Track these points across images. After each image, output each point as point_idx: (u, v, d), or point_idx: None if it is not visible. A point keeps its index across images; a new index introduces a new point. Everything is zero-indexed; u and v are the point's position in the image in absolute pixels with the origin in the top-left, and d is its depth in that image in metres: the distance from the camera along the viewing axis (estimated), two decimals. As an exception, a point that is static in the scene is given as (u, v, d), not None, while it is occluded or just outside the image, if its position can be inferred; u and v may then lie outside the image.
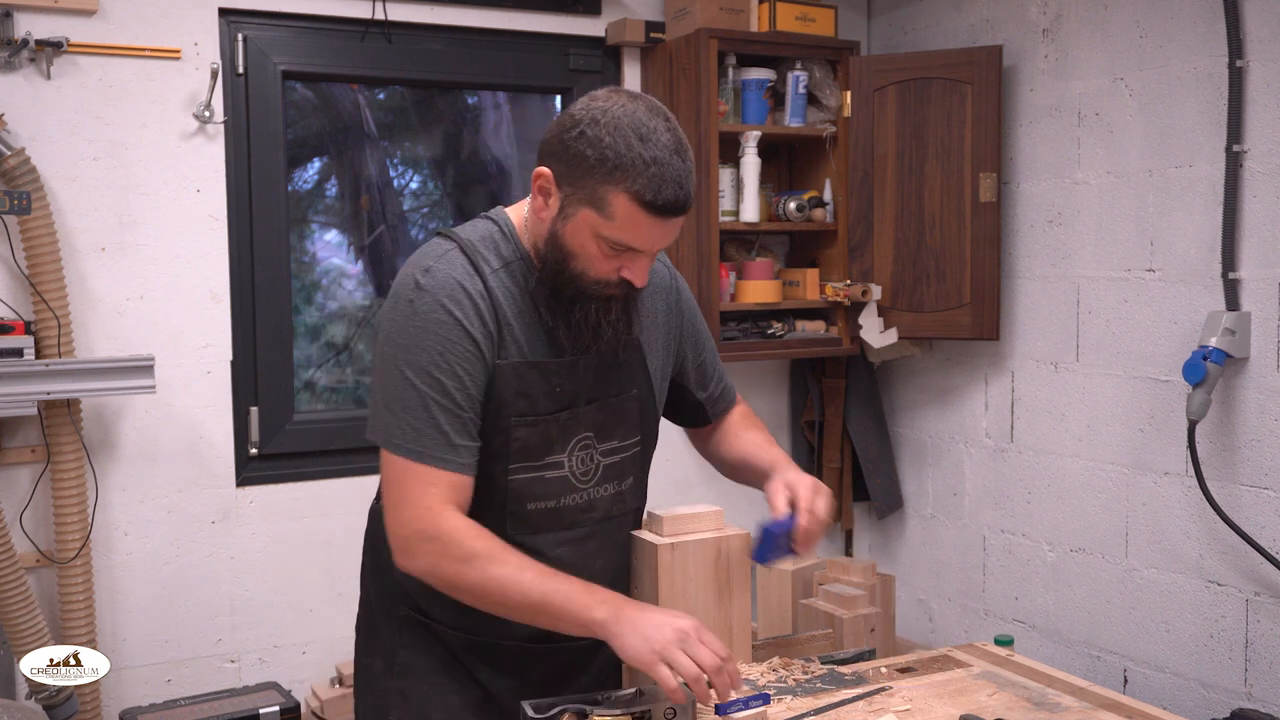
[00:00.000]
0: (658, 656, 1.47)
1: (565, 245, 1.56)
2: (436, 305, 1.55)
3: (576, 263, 1.57)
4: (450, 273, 1.57)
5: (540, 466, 1.63)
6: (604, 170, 1.49)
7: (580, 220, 1.53)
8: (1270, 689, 2.62)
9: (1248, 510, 2.64)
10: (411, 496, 1.55)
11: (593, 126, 1.50)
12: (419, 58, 3.20)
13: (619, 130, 1.49)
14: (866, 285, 3.33)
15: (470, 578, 1.54)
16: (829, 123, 3.42)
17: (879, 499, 3.64)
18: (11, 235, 2.68)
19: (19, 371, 2.56)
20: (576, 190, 1.53)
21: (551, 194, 1.56)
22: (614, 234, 1.53)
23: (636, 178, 1.48)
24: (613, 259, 1.56)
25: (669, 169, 1.49)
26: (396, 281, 1.62)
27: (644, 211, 1.50)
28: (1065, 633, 3.14)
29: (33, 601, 2.61)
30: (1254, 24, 2.60)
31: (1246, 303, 2.64)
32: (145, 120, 2.84)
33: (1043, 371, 3.18)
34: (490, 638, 1.68)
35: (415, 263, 1.60)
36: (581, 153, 1.50)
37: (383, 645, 1.74)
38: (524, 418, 1.60)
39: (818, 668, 1.83)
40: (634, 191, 1.49)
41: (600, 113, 1.51)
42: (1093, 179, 3.00)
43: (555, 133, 1.55)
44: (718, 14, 3.24)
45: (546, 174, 1.55)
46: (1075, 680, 1.81)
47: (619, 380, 1.71)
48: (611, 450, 1.71)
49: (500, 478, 1.61)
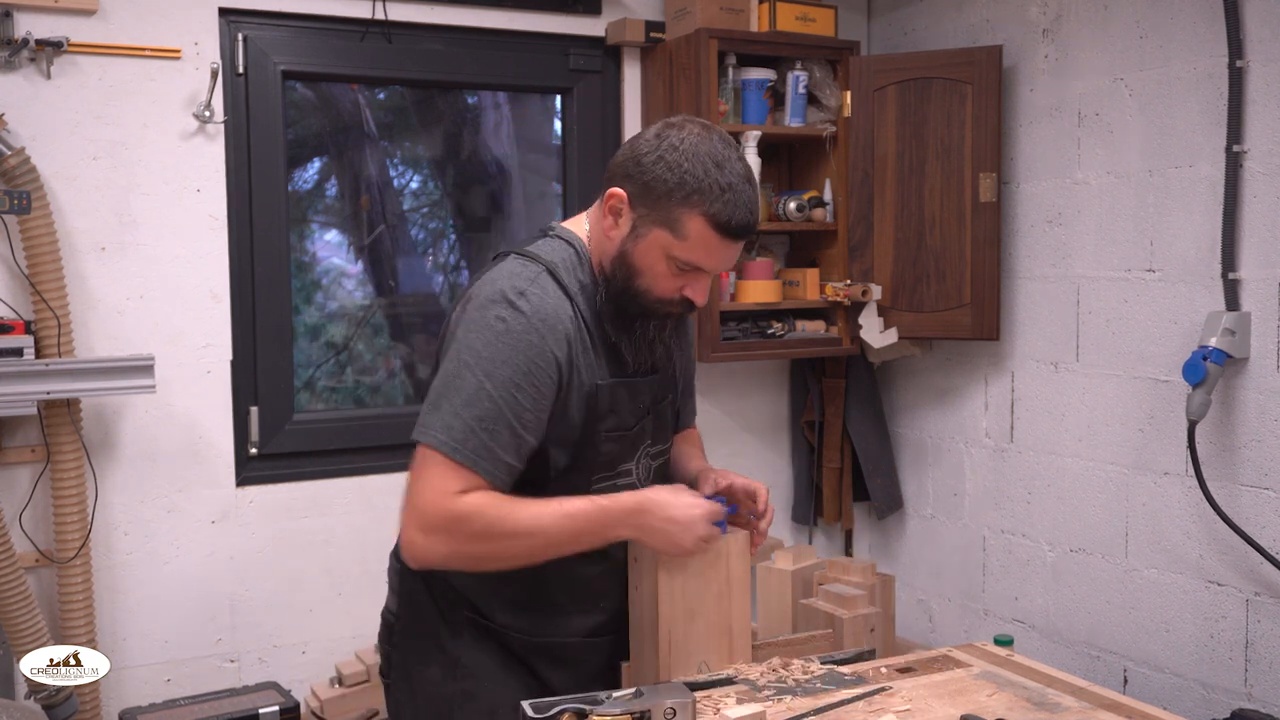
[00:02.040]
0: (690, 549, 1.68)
1: (634, 263, 1.65)
2: (531, 329, 1.59)
3: (642, 280, 1.66)
4: (544, 299, 1.62)
5: (615, 475, 1.73)
6: (682, 194, 1.60)
7: (652, 240, 1.63)
8: (1270, 689, 2.62)
9: (1248, 510, 2.64)
10: (434, 485, 1.57)
11: (671, 153, 1.61)
12: (419, 58, 3.20)
13: (697, 157, 1.60)
14: (866, 285, 3.33)
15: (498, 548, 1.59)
16: (829, 123, 3.42)
17: (879, 499, 3.64)
18: (11, 235, 2.68)
19: (19, 371, 2.56)
20: (651, 212, 1.62)
21: (623, 214, 1.65)
22: (685, 254, 1.63)
23: (713, 202, 1.60)
24: (677, 278, 1.66)
25: (741, 195, 1.62)
26: (481, 296, 1.62)
27: (717, 234, 1.62)
28: (1065, 633, 3.14)
29: (32, 601, 2.61)
30: (1254, 24, 2.60)
31: (1246, 303, 2.64)
32: (145, 120, 2.84)
33: (1043, 371, 3.18)
34: (547, 636, 1.76)
35: (504, 281, 1.62)
36: (661, 176, 1.61)
37: (442, 651, 1.76)
38: (614, 432, 1.70)
39: (818, 668, 1.83)
40: (709, 214, 1.60)
41: (679, 140, 1.62)
42: (1093, 179, 3.00)
43: (630, 156, 1.64)
44: (718, 14, 3.24)
45: (621, 195, 1.64)
46: (1075, 680, 1.81)
47: (664, 388, 1.82)
48: (659, 454, 1.83)
49: (582, 488, 1.69)
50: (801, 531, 3.78)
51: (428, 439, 1.58)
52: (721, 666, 1.83)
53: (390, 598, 1.85)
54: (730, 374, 3.64)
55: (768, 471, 3.73)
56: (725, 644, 1.84)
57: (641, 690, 1.63)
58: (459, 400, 1.57)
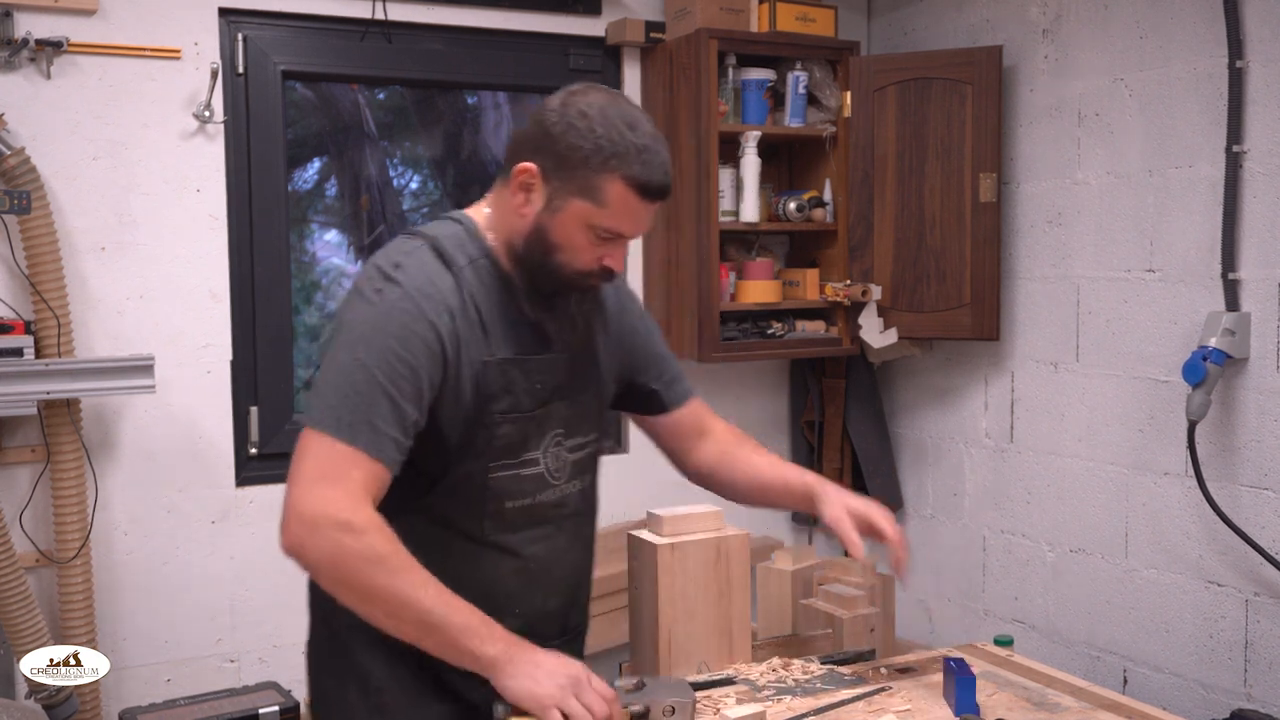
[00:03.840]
0: (552, 702, 1.45)
1: (551, 239, 1.59)
2: (406, 298, 1.53)
3: (561, 255, 1.60)
4: (421, 269, 1.56)
5: (518, 464, 1.64)
6: (599, 159, 1.54)
7: (571, 212, 1.57)
8: (1270, 689, 2.62)
9: (1247, 511, 2.64)
10: (329, 475, 1.49)
11: (581, 119, 1.55)
12: (419, 58, 3.20)
13: (609, 121, 1.55)
14: (866, 285, 3.33)
15: (372, 580, 1.46)
16: (829, 123, 3.42)
17: (879, 499, 3.63)
18: (11, 235, 2.67)
19: (19, 371, 2.56)
20: (568, 182, 1.56)
21: (535, 189, 1.58)
22: (606, 221, 1.57)
23: (631, 164, 1.55)
24: (597, 248, 1.60)
25: (656, 155, 1.56)
26: (360, 277, 1.60)
27: (637, 196, 1.57)
28: (1065, 633, 3.14)
29: (32, 601, 2.61)
30: (1254, 24, 2.60)
31: (1246, 303, 2.64)
32: (145, 120, 2.84)
33: (1043, 372, 3.18)
34: None
35: (382, 259, 1.59)
36: (575, 144, 1.55)
37: (356, 669, 1.66)
38: (508, 414, 1.61)
39: (817, 668, 1.83)
40: (629, 177, 1.55)
41: (586, 105, 1.56)
42: (1093, 179, 3.00)
43: (537, 128, 1.58)
44: (718, 14, 3.24)
45: (531, 169, 1.58)
46: (1075, 680, 1.81)
47: (583, 376, 1.73)
48: (577, 446, 1.73)
49: (480, 476, 1.61)
50: (801, 531, 3.77)
51: (309, 422, 1.52)
52: (721, 666, 1.83)
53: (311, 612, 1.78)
54: (730, 374, 3.63)
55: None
56: (725, 644, 1.84)
57: (644, 681, 1.57)
58: (334, 377, 1.52)
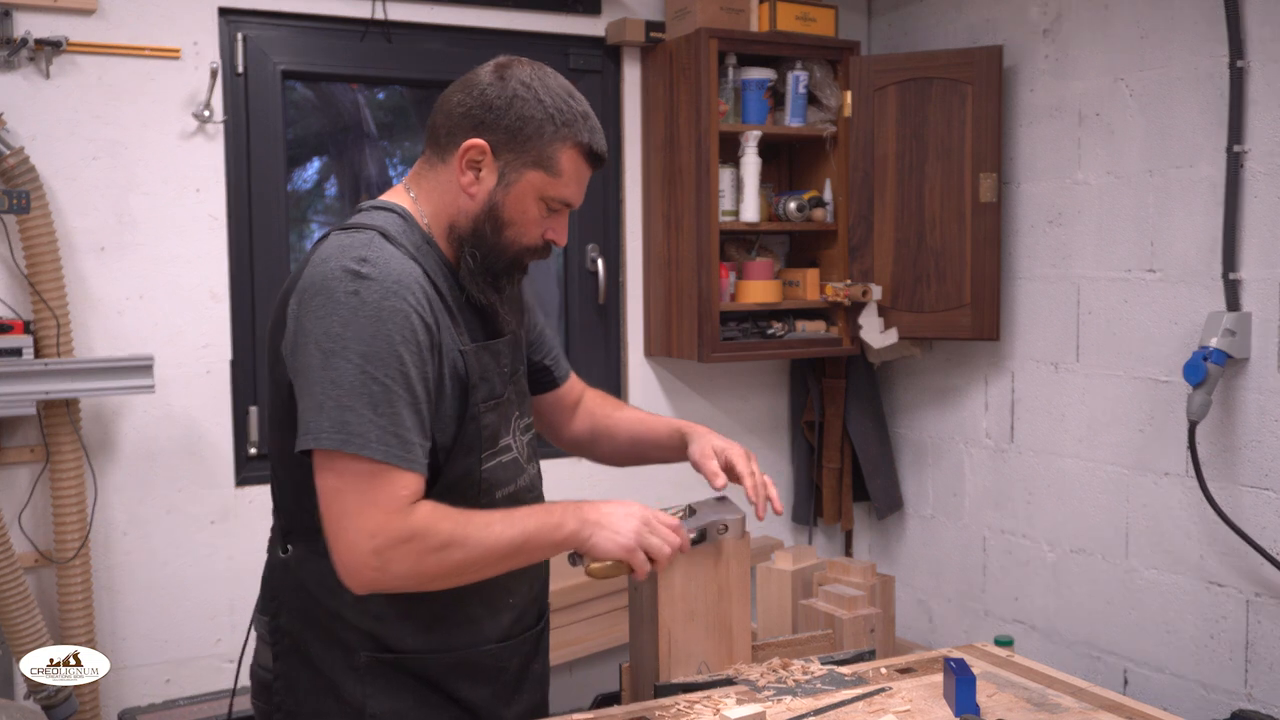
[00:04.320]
0: (635, 545, 1.58)
1: (504, 215, 1.57)
2: (388, 293, 1.44)
3: (512, 230, 1.58)
4: (390, 260, 1.47)
5: (499, 451, 1.62)
6: (553, 127, 1.55)
7: (525, 184, 1.56)
8: (1270, 690, 2.62)
9: (1248, 511, 2.64)
10: (379, 502, 1.41)
11: (526, 90, 1.55)
12: (419, 58, 3.20)
13: (551, 90, 1.57)
14: (866, 285, 3.33)
15: (455, 561, 1.47)
16: (829, 123, 3.41)
17: (879, 499, 3.64)
18: (11, 235, 2.67)
19: (18, 371, 2.56)
20: (521, 155, 1.55)
21: (484, 166, 1.56)
22: (560, 191, 1.58)
23: (581, 131, 1.57)
24: (544, 222, 1.60)
25: (596, 121, 1.60)
26: (317, 278, 1.45)
27: (587, 162, 1.59)
28: (1065, 633, 3.13)
29: (32, 601, 2.61)
30: (1254, 24, 2.59)
31: (1247, 303, 2.63)
32: (145, 120, 2.84)
33: (1043, 372, 3.18)
34: (461, 648, 1.61)
35: (337, 257, 1.46)
36: (527, 115, 1.54)
37: (344, 703, 1.57)
38: (488, 402, 1.58)
39: (817, 668, 1.83)
40: (581, 144, 1.57)
41: (527, 76, 1.56)
42: (1093, 179, 3.00)
43: (478, 103, 1.55)
44: (718, 14, 3.24)
45: (482, 145, 1.55)
46: (1075, 681, 1.81)
47: (519, 355, 1.73)
48: (527, 427, 1.73)
49: (475, 470, 1.57)
50: (801, 532, 3.77)
51: (326, 443, 1.40)
52: (721, 667, 1.83)
53: (262, 651, 1.64)
54: (730, 374, 3.64)
55: (768, 472, 3.65)
56: (725, 644, 1.84)
57: (693, 507, 1.72)
58: (342, 392, 1.40)
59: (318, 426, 1.41)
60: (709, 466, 1.80)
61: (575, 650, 3.15)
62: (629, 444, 1.95)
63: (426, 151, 1.62)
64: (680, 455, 1.89)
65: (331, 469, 1.43)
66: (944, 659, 1.75)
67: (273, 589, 1.62)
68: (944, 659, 1.75)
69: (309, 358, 1.43)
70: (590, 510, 1.58)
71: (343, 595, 1.51)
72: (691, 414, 3.58)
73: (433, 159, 1.60)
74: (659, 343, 3.44)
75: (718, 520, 1.74)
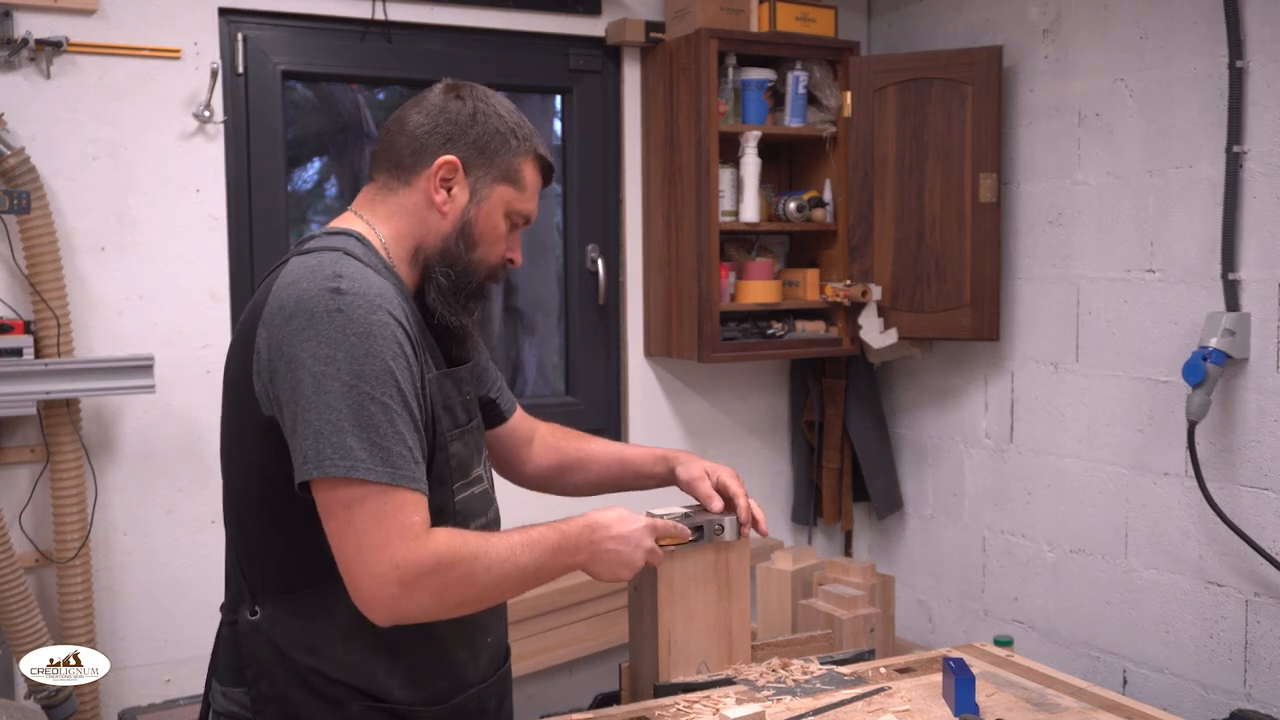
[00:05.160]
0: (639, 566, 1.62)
1: (475, 232, 1.55)
2: (371, 307, 1.37)
3: (482, 249, 1.57)
4: (364, 274, 1.41)
5: (471, 481, 1.58)
6: (515, 141, 1.56)
7: (495, 199, 1.56)
8: (1270, 690, 2.62)
9: (1247, 511, 2.64)
10: (398, 531, 1.35)
11: (485, 105, 1.56)
12: (419, 58, 3.20)
13: (505, 106, 1.59)
14: (866, 285, 3.33)
15: (477, 586, 1.43)
16: (829, 123, 3.42)
17: (879, 499, 3.64)
18: (11, 235, 2.68)
19: (18, 371, 2.56)
20: (489, 170, 1.56)
21: (456, 183, 1.54)
22: (523, 205, 1.59)
23: (538, 143, 1.59)
24: (507, 238, 1.60)
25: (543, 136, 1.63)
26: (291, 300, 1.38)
27: (541, 175, 1.61)
28: (1065, 633, 3.14)
29: (32, 601, 2.61)
30: (1254, 24, 2.60)
31: (1246, 303, 2.64)
32: (145, 120, 2.84)
33: (1042, 372, 3.18)
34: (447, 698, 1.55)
35: (311, 276, 1.39)
36: (493, 129, 1.55)
37: None
38: (453, 430, 1.54)
39: (817, 668, 1.83)
40: (539, 155, 1.60)
41: (481, 94, 1.58)
42: (1093, 179, 3.00)
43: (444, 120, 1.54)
44: (718, 14, 3.24)
45: (454, 161, 1.53)
46: (1075, 681, 1.81)
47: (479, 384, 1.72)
48: (487, 458, 1.70)
49: (449, 503, 1.52)
50: (801, 532, 3.78)
51: (331, 471, 1.33)
52: (721, 667, 1.83)
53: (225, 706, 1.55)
54: (730, 374, 3.64)
55: (768, 472, 3.73)
56: (725, 644, 1.84)
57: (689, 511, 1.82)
58: (340, 416, 1.34)
59: (319, 455, 1.34)
60: (703, 489, 1.82)
61: (575, 650, 3.15)
62: (604, 475, 1.93)
63: (380, 177, 1.57)
64: (663, 482, 1.90)
65: (339, 499, 1.35)
66: (943, 659, 1.75)
67: (243, 658, 1.51)
68: (943, 659, 1.75)
69: (298, 384, 1.36)
70: (601, 532, 1.57)
71: (323, 652, 1.46)
72: (691, 414, 3.58)
73: (390, 183, 1.56)
74: (659, 343, 3.44)
75: (714, 520, 1.78)
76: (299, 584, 1.47)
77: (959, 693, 1.66)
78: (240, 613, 1.52)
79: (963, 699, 1.66)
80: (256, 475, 1.46)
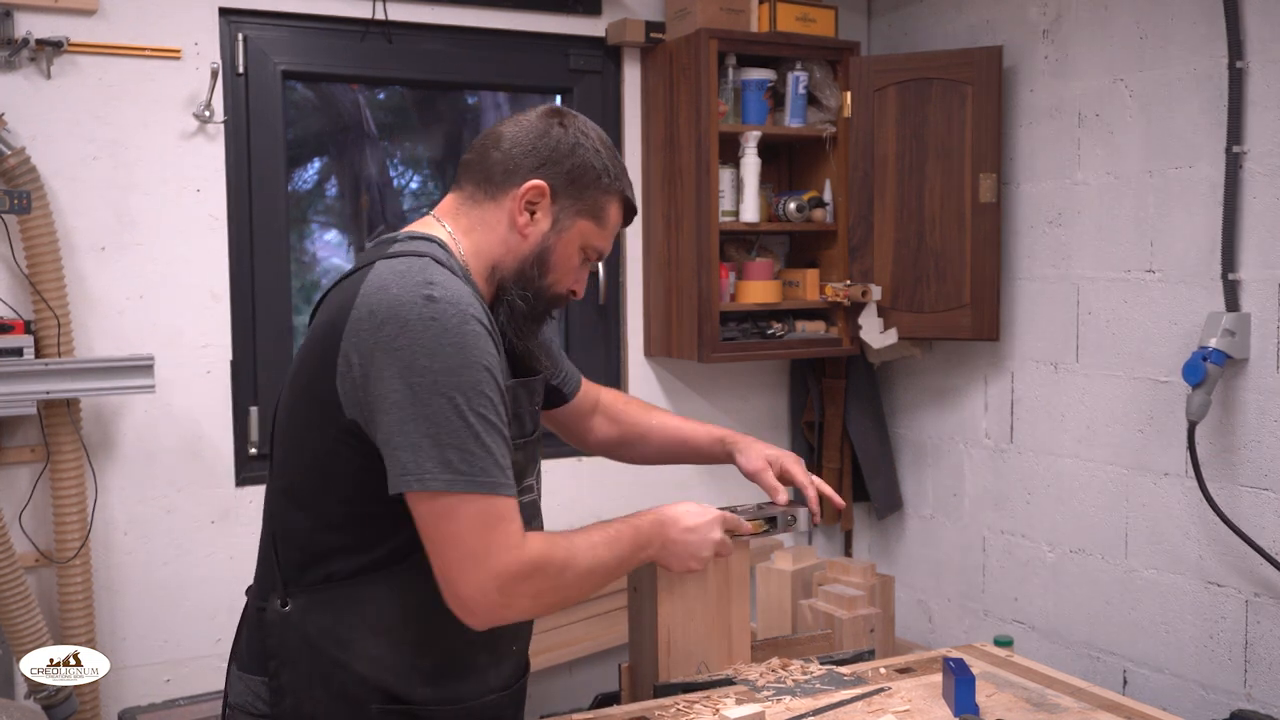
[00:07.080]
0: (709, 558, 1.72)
1: (551, 260, 1.56)
2: (465, 317, 1.39)
3: (553, 277, 1.58)
4: (452, 282, 1.42)
5: (524, 490, 1.57)
6: (607, 180, 1.57)
7: (575, 232, 1.57)
8: (1270, 690, 2.62)
9: (1247, 511, 2.64)
10: (501, 541, 1.39)
11: (584, 138, 1.57)
12: (419, 58, 3.20)
13: (604, 142, 1.60)
14: (866, 285, 3.33)
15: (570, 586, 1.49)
16: (829, 123, 3.42)
17: (879, 499, 3.64)
18: (11, 235, 2.68)
19: (18, 371, 2.56)
20: (576, 202, 1.56)
21: (540, 208, 1.55)
22: (601, 241, 1.61)
23: (626, 185, 1.61)
24: (580, 270, 1.62)
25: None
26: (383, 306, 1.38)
27: (624, 215, 1.63)
28: (1065, 633, 3.14)
29: (32, 601, 2.61)
30: (1254, 24, 2.60)
31: (1246, 304, 2.64)
32: (145, 120, 2.84)
33: (1042, 372, 3.18)
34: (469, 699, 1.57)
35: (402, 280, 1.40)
36: (587, 163, 1.56)
37: None
38: (519, 439, 1.55)
39: (817, 668, 1.83)
40: (625, 197, 1.61)
41: (583, 125, 1.59)
42: (1093, 180, 3.00)
43: (544, 145, 1.55)
44: (718, 14, 3.24)
45: (543, 187, 1.54)
46: (1074, 681, 1.81)
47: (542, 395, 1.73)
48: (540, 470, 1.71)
49: None
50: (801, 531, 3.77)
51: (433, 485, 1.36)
52: (721, 666, 1.83)
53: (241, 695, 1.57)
54: (730, 374, 3.64)
55: (767, 472, 3.72)
56: (725, 644, 1.84)
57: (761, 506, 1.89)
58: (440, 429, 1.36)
59: (419, 467, 1.36)
60: (768, 481, 1.91)
61: (575, 650, 3.15)
62: (663, 449, 2.01)
63: (467, 186, 1.58)
64: (722, 462, 1.96)
65: (439, 510, 1.38)
66: (943, 659, 1.75)
67: (269, 647, 1.52)
68: (943, 659, 1.75)
69: (393, 393, 1.36)
70: (670, 526, 1.65)
71: (353, 647, 1.48)
72: (691, 414, 3.56)
73: (477, 195, 1.56)
74: (659, 343, 3.44)
75: (787, 512, 1.90)
76: (340, 576, 1.49)
77: (959, 693, 1.66)
78: (270, 601, 1.53)
79: (963, 699, 1.66)
80: (321, 471, 1.47)
